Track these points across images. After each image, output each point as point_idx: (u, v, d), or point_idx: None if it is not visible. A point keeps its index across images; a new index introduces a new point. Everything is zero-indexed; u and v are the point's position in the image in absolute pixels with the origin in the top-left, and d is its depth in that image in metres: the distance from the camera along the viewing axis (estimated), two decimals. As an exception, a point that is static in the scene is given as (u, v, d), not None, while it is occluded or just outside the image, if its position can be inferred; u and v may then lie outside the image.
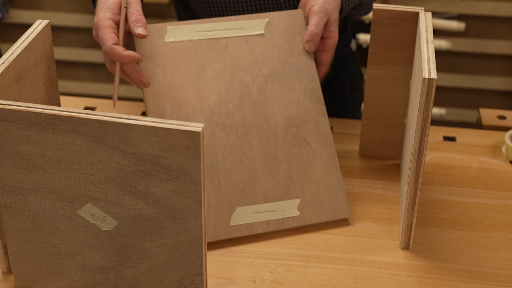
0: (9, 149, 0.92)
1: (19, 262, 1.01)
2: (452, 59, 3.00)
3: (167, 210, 0.91)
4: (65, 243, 0.97)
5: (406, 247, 1.11)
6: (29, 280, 1.02)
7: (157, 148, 0.87)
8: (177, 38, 1.17)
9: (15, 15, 3.11)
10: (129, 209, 0.92)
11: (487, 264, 1.08)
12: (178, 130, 0.85)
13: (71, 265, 0.99)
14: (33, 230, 0.98)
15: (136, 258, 0.96)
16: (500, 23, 2.90)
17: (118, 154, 0.88)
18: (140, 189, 0.90)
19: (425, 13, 1.15)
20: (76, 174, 0.91)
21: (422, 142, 1.02)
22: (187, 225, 0.91)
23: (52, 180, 0.93)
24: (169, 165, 0.88)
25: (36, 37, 1.07)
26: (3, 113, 0.89)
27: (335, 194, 1.13)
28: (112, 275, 0.99)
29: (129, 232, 0.94)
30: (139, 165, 0.89)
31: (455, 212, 1.19)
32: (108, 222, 0.94)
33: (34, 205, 0.95)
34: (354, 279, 1.05)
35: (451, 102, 3.09)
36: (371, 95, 1.26)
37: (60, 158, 0.91)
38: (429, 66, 1.00)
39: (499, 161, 1.33)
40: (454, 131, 1.42)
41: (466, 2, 2.85)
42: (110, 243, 0.96)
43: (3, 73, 0.98)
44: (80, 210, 0.94)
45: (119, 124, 0.86)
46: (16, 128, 0.90)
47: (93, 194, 0.92)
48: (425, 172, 1.28)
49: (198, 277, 0.95)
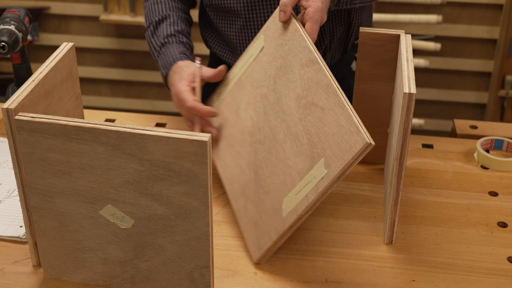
0: (38, 157, 0.92)
1: (48, 256, 1.01)
2: (429, 76, 3.00)
3: (178, 210, 0.91)
4: (88, 239, 0.97)
5: (389, 242, 1.11)
6: (56, 273, 1.02)
7: (169, 155, 0.87)
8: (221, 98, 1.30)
9: (44, 38, 3.12)
10: (144, 209, 0.92)
11: (461, 257, 1.08)
12: (188, 139, 0.85)
13: (93, 259, 0.99)
14: (60, 228, 0.97)
15: (150, 252, 0.96)
16: (471, 43, 2.91)
17: (135, 160, 0.88)
18: (154, 192, 0.90)
19: (405, 35, 1.15)
20: (97, 178, 0.91)
21: (403, 149, 1.01)
22: (196, 223, 0.91)
23: (77, 184, 0.93)
24: (180, 171, 0.87)
25: (62, 57, 1.08)
26: (33, 125, 0.89)
27: (348, 131, 0.99)
28: (130, 267, 0.98)
29: (145, 229, 0.94)
30: (153, 171, 0.88)
31: (433, 211, 1.19)
32: (126, 221, 0.94)
33: (60, 206, 0.95)
34: (344, 270, 1.05)
35: (428, 114, 3.09)
36: (358, 108, 1.26)
37: (84, 165, 0.91)
38: (409, 82, 1.00)
39: (471, 165, 1.32)
40: (431, 139, 1.42)
41: (441, 25, 2.85)
42: (127, 240, 0.96)
43: (33, 89, 0.98)
44: (101, 210, 0.94)
45: (136, 134, 0.86)
46: (44, 138, 0.90)
47: (113, 196, 0.92)
48: (406, 175, 1.28)
49: (206, 269, 0.95)
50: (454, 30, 2.86)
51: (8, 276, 1.03)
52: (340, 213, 1.18)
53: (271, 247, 1.05)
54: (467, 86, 3.00)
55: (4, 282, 1.02)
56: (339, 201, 1.20)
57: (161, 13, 1.39)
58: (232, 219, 1.16)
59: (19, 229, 1.12)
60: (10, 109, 0.92)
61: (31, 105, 0.97)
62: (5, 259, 1.06)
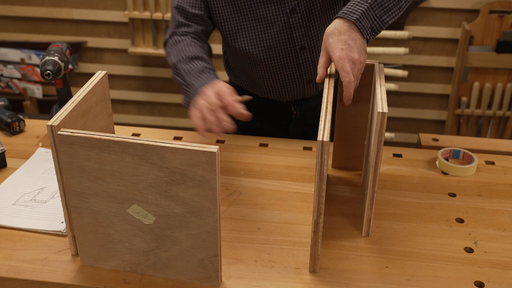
0: (76, 165, 0.91)
1: (84, 247, 1.01)
2: (399, 97, 3.00)
3: (192, 209, 0.90)
4: (117, 233, 0.97)
5: (366, 235, 1.10)
6: (91, 261, 1.02)
7: (185, 163, 0.86)
8: None
9: (82, 67, 3.12)
10: (164, 208, 0.92)
11: (426, 247, 1.07)
12: (200, 150, 0.85)
13: (121, 249, 0.99)
14: (94, 224, 0.97)
15: (169, 244, 0.95)
16: (433, 71, 2.91)
17: (156, 168, 0.88)
18: (172, 194, 0.90)
19: (379, 64, 1.15)
20: (125, 183, 0.91)
21: (378, 158, 1.01)
22: (207, 220, 0.91)
23: (108, 187, 0.92)
24: (193, 176, 0.87)
25: (97, 83, 1.08)
26: (73, 139, 0.89)
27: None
28: (152, 256, 0.98)
29: (164, 225, 0.94)
30: (171, 176, 0.88)
31: (402, 209, 1.19)
32: (149, 218, 0.94)
33: (94, 205, 0.95)
34: (329, 258, 1.04)
35: (398, 128, 3.09)
36: (340, 124, 1.26)
37: (114, 171, 0.90)
38: (382, 103, 1.00)
39: (434, 171, 1.32)
40: (400, 150, 1.41)
41: (408, 56, 2.86)
42: (150, 233, 0.95)
43: (73, 109, 0.98)
44: (128, 209, 0.94)
45: (157, 146, 0.86)
46: (82, 149, 0.90)
47: (138, 197, 0.92)
48: (380, 180, 1.28)
49: (215, 257, 0.95)
50: (419, 60, 2.87)
51: (51, 263, 1.03)
52: (325, 211, 1.17)
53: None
54: (430, 105, 3.00)
55: (48, 269, 1.02)
56: (325, 201, 1.20)
57: (194, 52, 1.29)
58: (236, 216, 1.15)
59: (61, 224, 1.11)
60: (53, 126, 0.92)
61: (71, 122, 0.97)
62: (49, 250, 1.06)
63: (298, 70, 1.40)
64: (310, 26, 1.34)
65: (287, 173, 1.29)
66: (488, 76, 2.83)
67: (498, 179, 1.29)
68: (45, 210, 1.16)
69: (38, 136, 1.44)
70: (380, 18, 1.09)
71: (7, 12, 3.02)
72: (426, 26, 2.79)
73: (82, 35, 3.05)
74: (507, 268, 1.03)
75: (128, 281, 0.99)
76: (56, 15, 3.00)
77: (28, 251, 1.05)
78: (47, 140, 1.43)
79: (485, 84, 2.83)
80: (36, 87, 3.14)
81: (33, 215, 1.14)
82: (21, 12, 3.01)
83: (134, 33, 2.95)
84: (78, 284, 0.99)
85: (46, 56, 1.36)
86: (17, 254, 1.05)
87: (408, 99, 3.00)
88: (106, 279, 0.99)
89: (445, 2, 2.73)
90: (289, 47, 1.36)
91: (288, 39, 1.35)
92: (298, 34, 1.34)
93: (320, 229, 0.95)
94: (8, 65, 3.10)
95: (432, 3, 2.73)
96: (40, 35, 3.07)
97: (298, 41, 1.35)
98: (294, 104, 1.51)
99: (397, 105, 3.01)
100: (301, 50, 1.37)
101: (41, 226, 1.11)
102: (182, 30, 1.36)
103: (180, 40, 1.34)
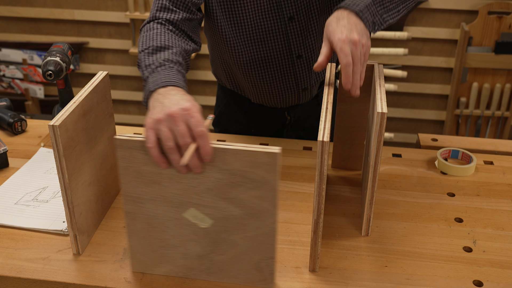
0: (133, 170, 0.89)
1: (136, 253, 0.98)
2: (398, 98, 3.00)
3: (251, 211, 0.89)
4: (172, 238, 0.94)
5: (366, 235, 1.10)
6: (142, 267, 0.99)
7: (246, 165, 0.85)
8: None
9: (84, 67, 3.13)
10: (222, 211, 0.90)
11: (425, 247, 1.07)
12: (262, 151, 0.83)
13: (175, 254, 0.96)
14: (148, 229, 0.94)
15: (225, 247, 0.93)
16: (432, 71, 2.91)
17: (216, 170, 0.86)
18: (231, 196, 0.88)
19: (378, 65, 1.15)
20: (183, 186, 0.89)
21: (377, 158, 1.01)
22: (266, 221, 0.89)
23: (165, 191, 0.90)
24: (254, 178, 0.86)
25: (99, 83, 1.07)
26: (131, 143, 0.87)
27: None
28: (206, 260, 0.96)
29: (221, 228, 0.91)
30: (231, 178, 0.86)
31: (401, 208, 1.19)
32: (206, 221, 0.91)
33: (150, 210, 0.92)
34: (329, 257, 1.04)
35: (397, 129, 3.09)
36: (339, 124, 1.26)
37: (172, 175, 0.88)
38: (381, 103, 1.00)
39: (433, 171, 1.32)
40: (400, 150, 1.41)
41: (407, 57, 2.86)
42: (206, 237, 0.93)
43: (74, 109, 0.98)
44: (184, 213, 0.91)
45: (218, 149, 0.84)
46: (140, 153, 0.87)
47: (195, 200, 0.90)
48: (380, 179, 1.28)
49: (271, 259, 0.93)
50: (418, 61, 2.87)
51: (53, 262, 1.03)
52: (325, 211, 1.17)
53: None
54: (429, 106, 3.00)
55: (50, 268, 1.02)
56: (325, 201, 1.20)
57: (163, 42, 1.07)
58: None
59: (62, 224, 1.11)
60: (55, 126, 0.92)
61: (72, 123, 0.97)
62: (50, 249, 1.06)
63: (294, 78, 1.38)
64: (307, 35, 1.32)
65: (287, 173, 1.29)
66: (487, 76, 2.83)
67: (497, 179, 1.29)
68: (46, 209, 1.16)
69: (40, 136, 1.45)
70: (381, 15, 1.08)
71: (9, 13, 3.02)
72: (425, 27, 2.79)
73: (84, 35, 3.05)
74: (506, 267, 1.03)
75: (129, 280, 0.99)
76: (57, 16, 3.00)
77: (30, 250, 1.05)
78: (48, 140, 1.43)
79: (483, 85, 2.83)
80: (38, 87, 3.14)
81: (34, 215, 1.14)
82: (23, 13, 3.02)
83: (135, 33, 2.95)
84: (79, 283, 0.99)
85: (48, 57, 1.36)
86: (19, 253, 1.05)
87: (407, 99, 3.00)
88: (107, 278, 0.99)
89: (444, 3, 2.73)
90: (286, 56, 1.34)
91: (285, 48, 1.32)
92: (295, 43, 1.32)
93: (320, 229, 0.95)
94: (10, 66, 3.10)
95: (431, 4, 2.73)
96: (42, 36, 3.07)
97: (295, 49, 1.33)
98: (288, 110, 1.49)
99: (397, 105, 3.01)
100: (298, 58, 1.34)
101: (42, 226, 1.11)
102: (163, 15, 1.15)
103: (155, 27, 1.12)
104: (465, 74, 2.81)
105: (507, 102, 2.85)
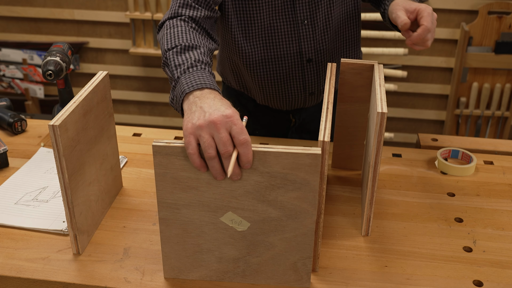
0: (170, 176, 0.88)
1: (169, 259, 0.97)
2: (398, 97, 3.00)
3: (290, 212, 0.88)
4: (207, 242, 0.93)
5: (366, 234, 1.10)
6: (175, 273, 0.98)
7: (287, 167, 0.84)
8: None
9: (84, 67, 3.13)
10: (260, 214, 0.89)
11: (425, 247, 1.07)
12: (304, 153, 0.83)
13: (210, 258, 0.95)
14: (183, 235, 0.93)
15: (261, 249, 0.93)
16: (432, 71, 2.91)
17: (256, 173, 0.86)
18: (270, 198, 0.88)
19: (378, 65, 1.15)
20: (221, 191, 0.88)
21: (377, 158, 1.01)
22: (304, 222, 0.89)
23: (202, 196, 0.89)
24: (295, 179, 0.85)
25: (98, 83, 1.07)
26: (168, 149, 0.86)
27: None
28: (242, 263, 0.95)
29: (258, 230, 0.91)
30: (271, 181, 0.86)
31: (401, 208, 1.19)
32: (243, 224, 0.91)
33: (185, 216, 0.91)
34: (329, 257, 1.04)
35: (397, 128, 3.09)
36: (339, 124, 1.26)
37: (211, 180, 0.87)
38: (381, 103, 1.00)
39: (433, 171, 1.32)
40: (400, 150, 1.41)
41: (407, 57, 2.86)
42: (242, 240, 0.92)
43: (74, 109, 0.98)
44: (221, 217, 0.90)
45: (259, 151, 0.84)
46: (178, 159, 0.86)
47: (233, 204, 0.89)
48: (380, 179, 1.28)
49: (308, 259, 0.93)
50: (418, 61, 2.87)
51: (53, 262, 1.03)
52: (325, 211, 1.17)
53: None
54: (429, 106, 3.00)
55: (50, 268, 1.01)
56: (325, 201, 1.20)
57: (191, 41, 1.05)
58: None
59: (62, 223, 1.11)
60: (55, 126, 0.92)
61: (72, 122, 0.97)
62: (50, 249, 1.06)
63: (302, 82, 1.38)
64: (320, 39, 1.32)
65: (287, 172, 1.29)
66: (487, 76, 2.83)
67: (497, 178, 1.29)
68: (46, 209, 1.16)
69: (40, 136, 1.45)
70: None
71: (9, 12, 3.02)
72: (425, 27, 2.79)
73: (84, 35, 3.05)
74: (506, 267, 1.03)
75: (129, 280, 0.99)
76: (57, 16, 3.00)
77: (30, 250, 1.05)
78: (48, 140, 1.43)
79: (483, 85, 2.83)
80: (38, 87, 3.14)
81: (34, 215, 1.14)
82: (23, 13, 3.02)
83: (135, 33, 2.95)
84: (79, 283, 0.98)
85: (48, 57, 1.36)
86: (19, 253, 1.05)
87: (407, 99, 3.00)
88: (107, 278, 0.99)
89: (444, 3, 2.73)
90: (296, 59, 1.34)
91: (296, 51, 1.33)
92: (306, 46, 1.32)
93: (320, 229, 0.95)
94: (10, 66, 3.10)
95: (431, 3, 2.73)
96: (42, 36, 3.07)
97: (306, 53, 1.33)
98: (293, 112, 1.50)
99: (397, 105, 3.01)
100: (308, 62, 1.35)
101: (42, 225, 1.11)
102: (185, 12, 1.14)
103: (178, 24, 1.10)
104: (465, 74, 2.81)
105: (507, 102, 2.85)
